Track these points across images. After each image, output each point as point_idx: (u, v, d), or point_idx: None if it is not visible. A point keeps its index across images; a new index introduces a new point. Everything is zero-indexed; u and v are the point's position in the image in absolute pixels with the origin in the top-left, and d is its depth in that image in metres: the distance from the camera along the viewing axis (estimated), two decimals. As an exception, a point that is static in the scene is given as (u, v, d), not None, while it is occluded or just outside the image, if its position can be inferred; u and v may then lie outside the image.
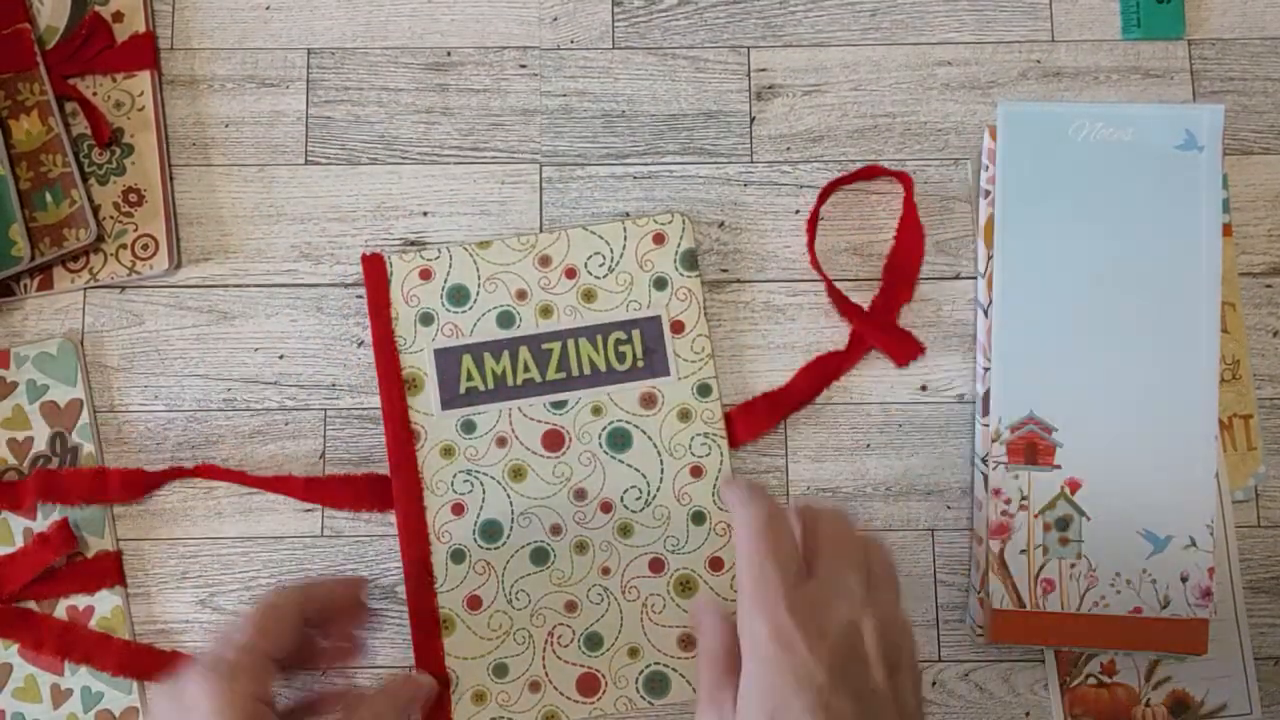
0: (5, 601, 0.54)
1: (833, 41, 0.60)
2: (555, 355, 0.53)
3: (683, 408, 0.53)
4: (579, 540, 0.52)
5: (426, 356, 0.53)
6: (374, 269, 0.54)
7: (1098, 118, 0.56)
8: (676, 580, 0.52)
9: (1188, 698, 0.54)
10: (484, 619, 0.52)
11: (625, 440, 0.53)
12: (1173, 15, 0.59)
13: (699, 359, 0.53)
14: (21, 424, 0.56)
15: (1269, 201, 0.58)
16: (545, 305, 0.53)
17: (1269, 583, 0.55)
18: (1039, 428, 0.54)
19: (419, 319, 0.53)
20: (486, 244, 0.53)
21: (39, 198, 0.56)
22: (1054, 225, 0.55)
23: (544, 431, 0.53)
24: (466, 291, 0.53)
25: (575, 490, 0.52)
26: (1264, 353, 0.57)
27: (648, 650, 0.52)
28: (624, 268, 0.53)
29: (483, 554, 0.52)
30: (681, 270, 0.53)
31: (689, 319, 0.53)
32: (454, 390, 0.53)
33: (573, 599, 0.52)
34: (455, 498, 0.52)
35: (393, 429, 0.53)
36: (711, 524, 0.52)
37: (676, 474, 0.52)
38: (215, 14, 0.60)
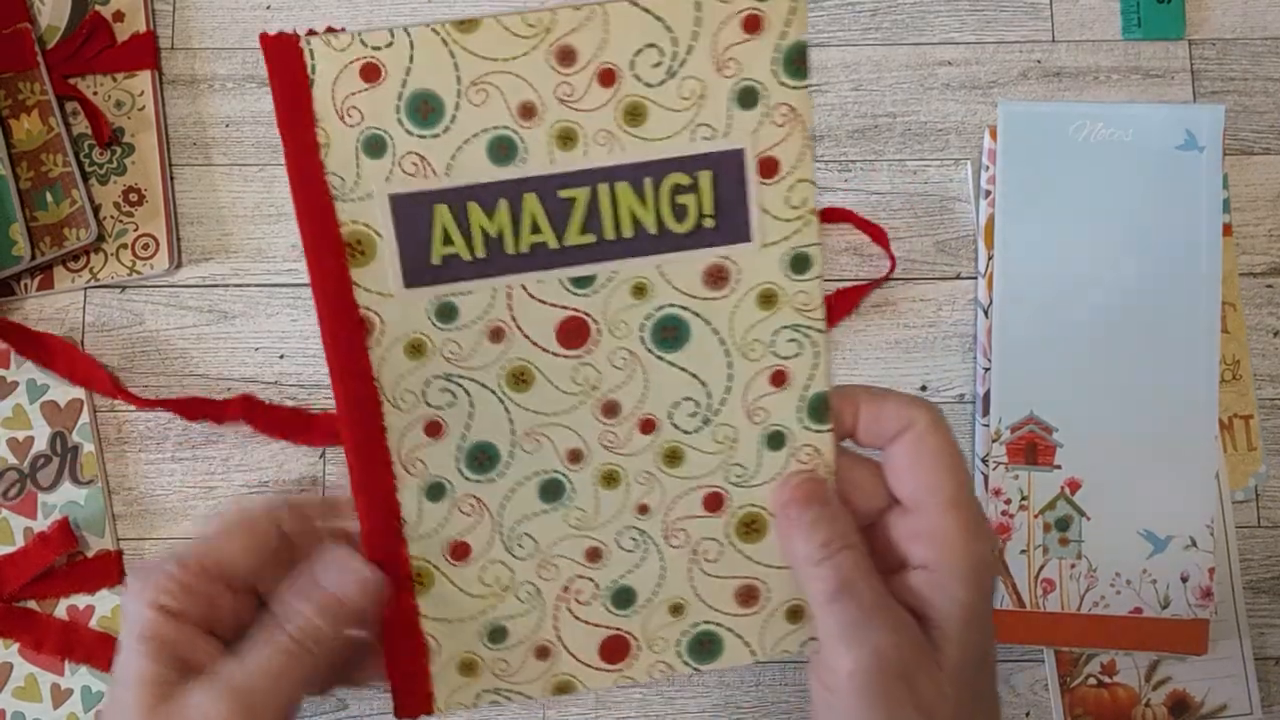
0: (6, 601, 0.54)
1: (833, 41, 0.60)
2: (579, 208, 0.35)
3: (766, 288, 0.37)
4: (607, 469, 0.38)
5: (378, 206, 0.34)
6: (284, 61, 0.34)
7: (1098, 118, 0.56)
8: (739, 521, 0.39)
9: (1188, 698, 0.54)
10: (473, 572, 0.38)
11: (680, 333, 0.37)
12: (1173, 15, 0.59)
13: (797, 216, 0.36)
14: (22, 423, 0.56)
15: (1269, 201, 0.58)
16: (565, 129, 0.35)
17: (1269, 583, 0.55)
18: (1039, 428, 0.54)
19: (363, 146, 0.34)
20: (470, 24, 0.33)
21: (39, 197, 0.56)
22: (1054, 225, 0.55)
23: (560, 320, 0.36)
24: (439, 102, 0.34)
25: (604, 403, 0.37)
26: (1264, 353, 0.57)
27: (695, 606, 0.40)
28: (693, 70, 0.34)
29: (471, 488, 0.38)
30: (784, 77, 0.34)
31: (787, 155, 0.35)
32: (422, 258, 0.35)
33: (596, 545, 0.39)
34: (429, 413, 0.37)
35: (330, 318, 0.35)
36: (794, 447, 0.38)
37: (750, 381, 0.37)
38: (216, 14, 0.60)
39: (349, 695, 0.55)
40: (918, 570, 0.35)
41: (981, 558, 0.35)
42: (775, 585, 0.39)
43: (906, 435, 0.36)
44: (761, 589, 0.40)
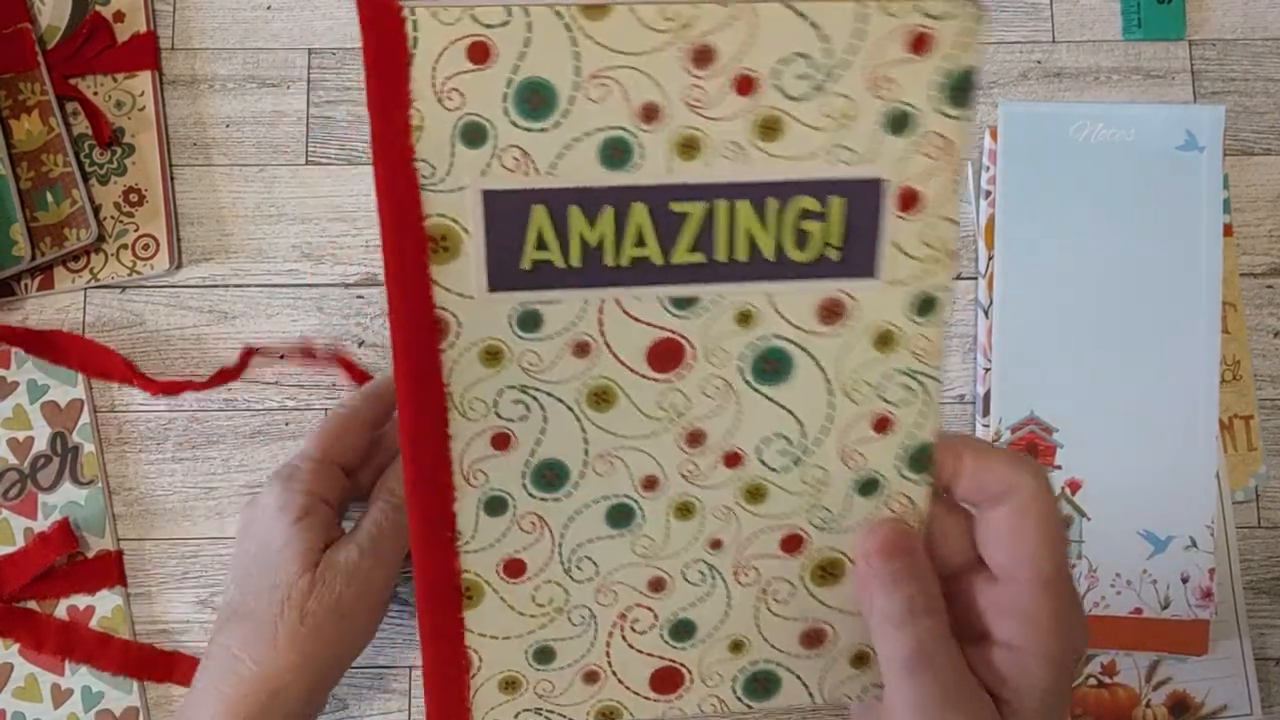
0: (6, 601, 0.54)
1: (833, 42, 0.59)
2: (692, 224, 0.32)
3: (884, 329, 0.34)
4: (683, 501, 0.36)
5: (469, 200, 0.32)
6: (382, 30, 0.30)
7: (1098, 118, 0.56)
8: (817, 565, 0.36)
9: (1188, 698, 0.54)
10: (527, 590, 0.37)
11: (783, 367, 0.34)
12: (1173, 16, 0.59)
13: (932, 257, 0.33)
14: (22, 424, 0.56)
15: (1269, 202, 0.58)
16: (689, 137, 0.31)
17: (1269, 583, 0.55)
18: (1039, 428, 0.54)
19: (460, 133, 0.31)
20: (600, 9, 0.30)
21: (40, 197, 0.56)
22: (1054, 226, 0.55)
23: (654, 341, 0.34)
24: (552, 93, 0.31)
25: (689, 432, 0.35)
26: (1264, 353, 0.57)
27: (757, 645, 0.38)
28: (844, 86, 0.31)
29: (534, 505, 0.35)
30: (944, 105, 0.31)
31: (932, 190, 0.32)
32: (512, 261, 0.32)
33: (661, 575, 0.37)
34: (499, 425, 0.34)
35: (403, 315, 0.32)
36: (886, 496, 0.35)
37: (850, 424, 0.35)
38: (216, 14, 0.60)
39: (349, 696, 0.55)
40: (1001, 647, 0.33)
41: (1071, 646, 0.32)
42: (844, 629, 0.37)
43: (1009, 500, 0.33)
44: (829, 632, 0.38)
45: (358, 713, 0.54)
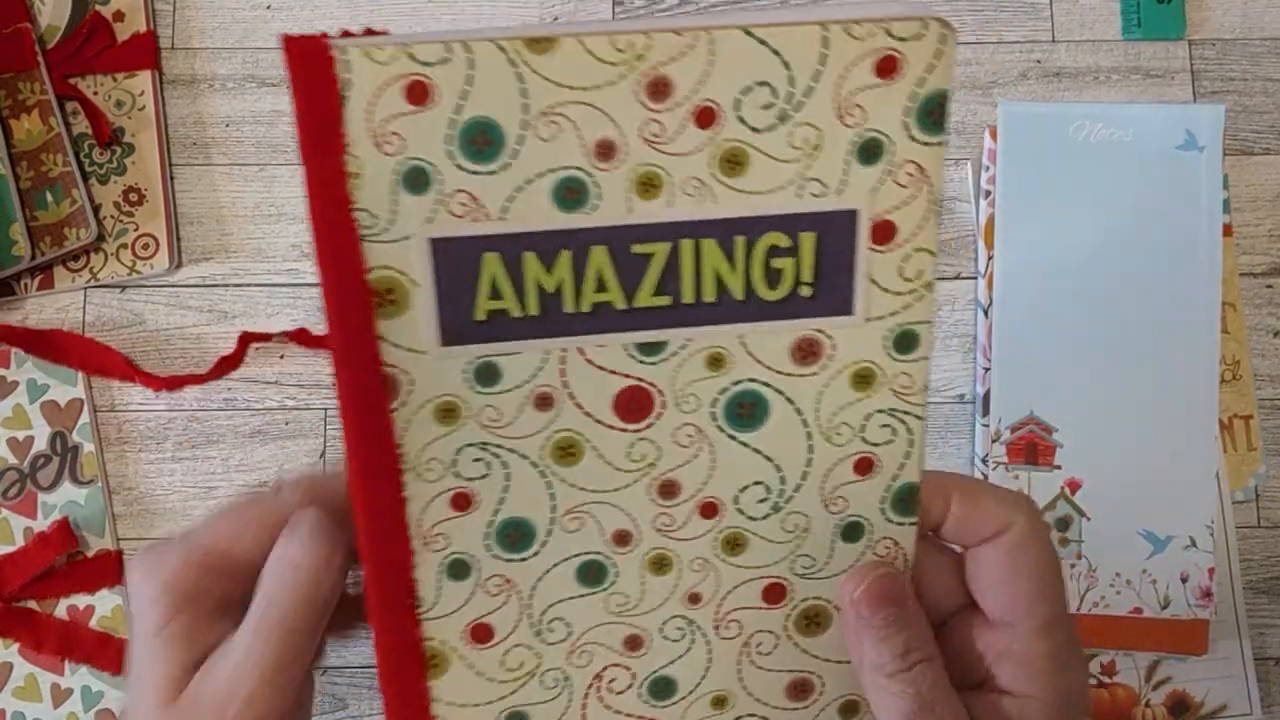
0: (5, 601, 0.54)
1: (833, 42, 0.60)
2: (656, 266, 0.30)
3: (863, 368, 0.32)
4: (658, 555, 0.34)
5: (415, 250, 0.29)
6: (313, 70, 0.28)
7: (1098, 118, 0.56)
8: (801, 614, 0.35)
9: (1188, 698, 0.54)
10: (495, 655, 0.35)
11: (758, 411, 0.32)
12: (1173, 15, 0.59)
13: (909, 290, 0.31)
14: (22, 423, 0.56)
15: (1269, 202, 0.58)
16: (649, 174, 0.29)
17: (1269, 583, 0.55)
18: (1039, 428, 0.54)
19: (402, 179, 0.29)
20: (545, 43, 0.28)
21: (39, 197, 0.56)
22: (1054, 225, 0.55)
23: (621, 389, 0.32)
24: (499, 134, 0.28)
25: (661, 483, 0.33)
26: (1264, 353, 0.57)
27: (741, 700, 0.36)
28: (810, 115, 0.29)
29: (500, 567, 0.33)
30: (917, 130, 0.29)
31: (907, 220, 0.30)
32: (465, 313, 0.30)
33: (637, 633, 0.35)
34: (458, 485, 0.32)
35: (348, 374, 0.30)
36: (872, 540, 0.34)
37: (832, 468, 0.33)
38: (216, 14, 0.60)
39: (348, 695, 0.55)
40: (1002, 694, 0.32)
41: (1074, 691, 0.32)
42: (831, 679, 0.36)
43: (1002, 541, 0.32)
44: (816, 683, 0.36)
45: (357, 712, 0.54)
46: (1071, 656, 0.32)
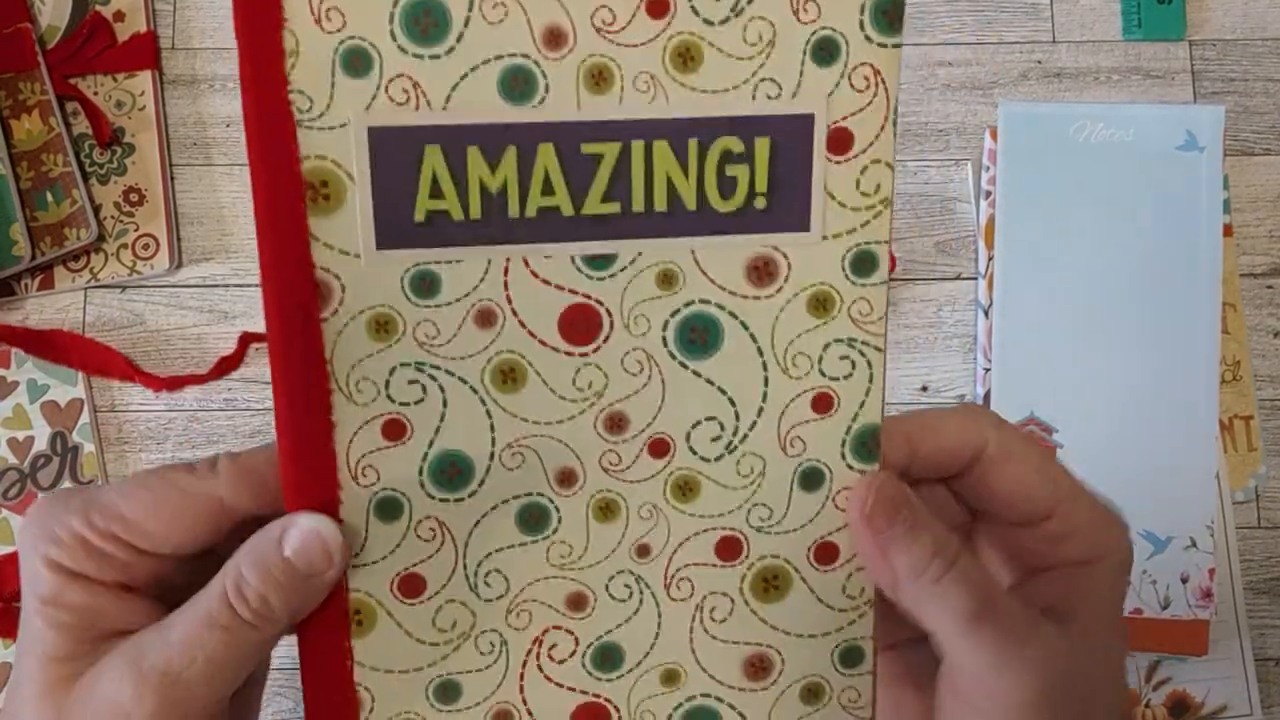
0: (5, 601, 0.54)
1: (833, 42, 0.60)
2: (606, 168, 0.29)
3: (821, 290, 0.30)
4: (604, 498, 0.32)
5: (353, 139, 0.27)
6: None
7: (1098, 118, 0.56)
8: (757, 574, 0.33)
9: (1188, 698, 0.54)
10: (426, 613, 0.32)
11: (711, 337, 0.31)
12: (1174, 16, 0.59)
13: (867, 205, 0.30)
14: (22, 423, 0.56)
15: (1269, 202, 0.58)
16: (599, 66, 0.28)
17: (1269, 583, 0.55)
18: (1039, 428, 0.54)
19: (341, 60, 0.27)
20: None
21: (40, 197, 0.56)
22: (1054, 226, 0.55)
23: (566, 307, 0.30)
24: (444, 14, 0.27)
25: (608, 415, 0.31)
26: (1264, 354, 0.57)
27: (694, 676, 0.33)
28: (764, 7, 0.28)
29: (434, 507, 0.31)
30: (872, 30, 0.28)
31: (865, 128, 0.29)
32: (403, 213, 0.28)
33: (582, 591, 0.32)
34: (391, 410, 0.30)
35: (276, 279, 0.28)
36: (831, 490, 0.32)
37: (789, 404, 0.31)
38: (216, 14, 0.60)
39: (349, 695, 0.55)
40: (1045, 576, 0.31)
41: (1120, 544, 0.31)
42: (791, 657, 0.33)
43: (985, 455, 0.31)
44: (775, 659, 0.34)
45: (358, 712, 0.54)
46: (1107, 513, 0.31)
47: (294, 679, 0.54)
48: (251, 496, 0.29)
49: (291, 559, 0.28)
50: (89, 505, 0.28)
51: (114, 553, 0.28)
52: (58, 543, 0.28)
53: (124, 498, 0.28)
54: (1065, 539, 0.30)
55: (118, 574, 0.28)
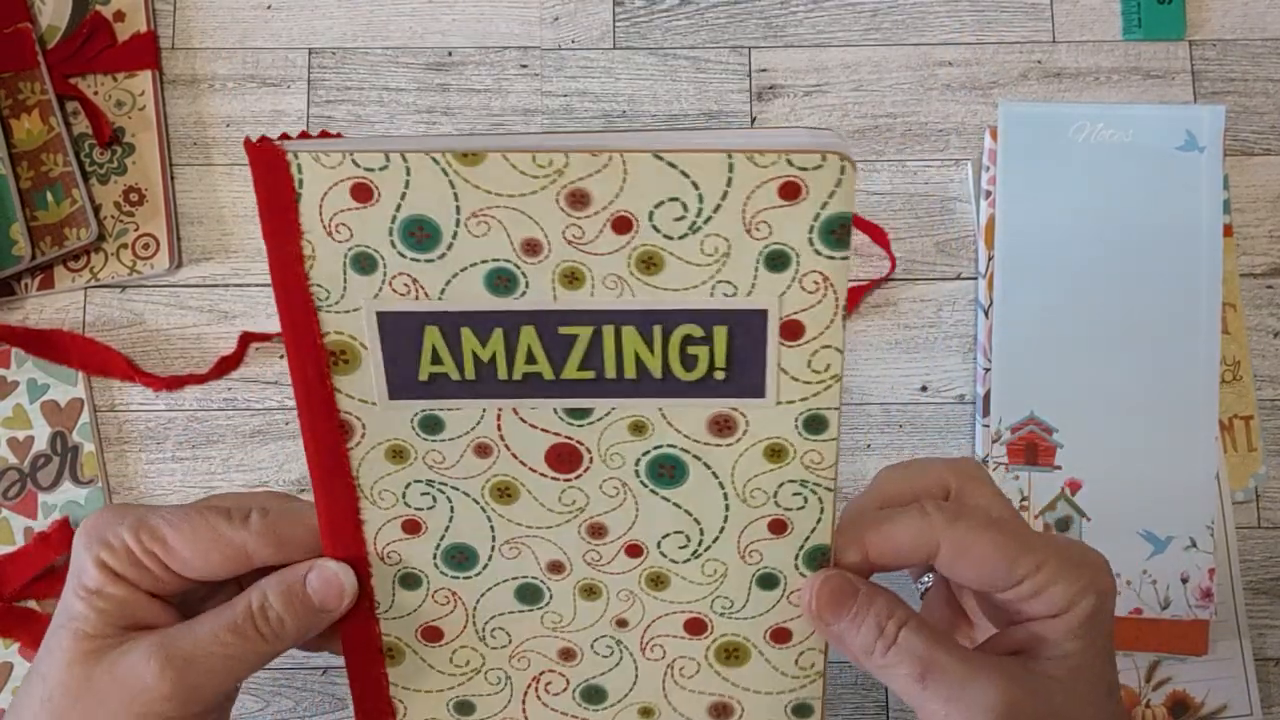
0: (5, 601, 0.54)
1: (833, 42, 0.60)
2: (580, 346, 0.33)
3: (775, 443, 0.34)
4: (587, 584, 0.37)
5: (364, 320, 0.33)
6: (270, 171, 0.31)
7: (1098, 118, 0.56)
8: (720, 647, 0.38)
9: (1188, 698, 0.54)
10: (444, 653, 0.38)
11: (678, 473, 0.35)
12: (1174, 16, 0.59)
13: (818, 380, 0.33)
14: (22, 423, 0.56)
15: (1270, 202, 0.58)
16: (571, 269, 0.32)
17: (1269, 583, 0.55)
18: (1039, 428, 0.54)
19: (350, 262, 0.32)
20: (474, 157, 0.30)
21: (40, 197, 0.56)
22: (1054, 226, 0.55)
23: (551, 445, 0.35)
24: (435, 229, 0.32)
25: (591, 525, 0.36)
26: (1264, 354, 0.57)
27: (666, 714, 0.39)
28: (717, 228, 0.31)
29: (447, 582, 0.37)
30: (820, 246, 0.31)
31: (815, 321, 0.32)
32: (409, 374, 0.34)
33: (571, 647, 0.38)
34: (408, 513, 0.36)
35: (309, 419, 0.34)
36: (786, 591, 0.36)
37: (746, 526, 0.36)
38: (216, 13, 0.60)
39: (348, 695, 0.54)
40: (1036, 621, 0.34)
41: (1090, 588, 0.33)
42: (750, 706, 0.39)
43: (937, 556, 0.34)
44: (736, 707, 0.39)
45: (357, 712, 0.54)
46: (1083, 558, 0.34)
47: (294, 679, 0.54)
48: (273, 552, 0.35)
49: (311, 595, 0.35)
50: (140, 524, 0.34)
51: (151, 568, 0.34)
52: (109, 547, 0.34)
53: (170, 526, 0.34)
54: (1034, 597, 0.33)
55: (150, 584, 0.34)
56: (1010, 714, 0.31)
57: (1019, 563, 0.33)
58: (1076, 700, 0.32)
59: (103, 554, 0.34)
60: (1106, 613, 0.33)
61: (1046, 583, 0.33)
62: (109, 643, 0.33)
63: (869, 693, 0.54)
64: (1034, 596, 0.33)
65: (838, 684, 0.54)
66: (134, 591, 0.34)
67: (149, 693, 0.33)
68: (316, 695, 0.54)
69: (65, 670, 0.33)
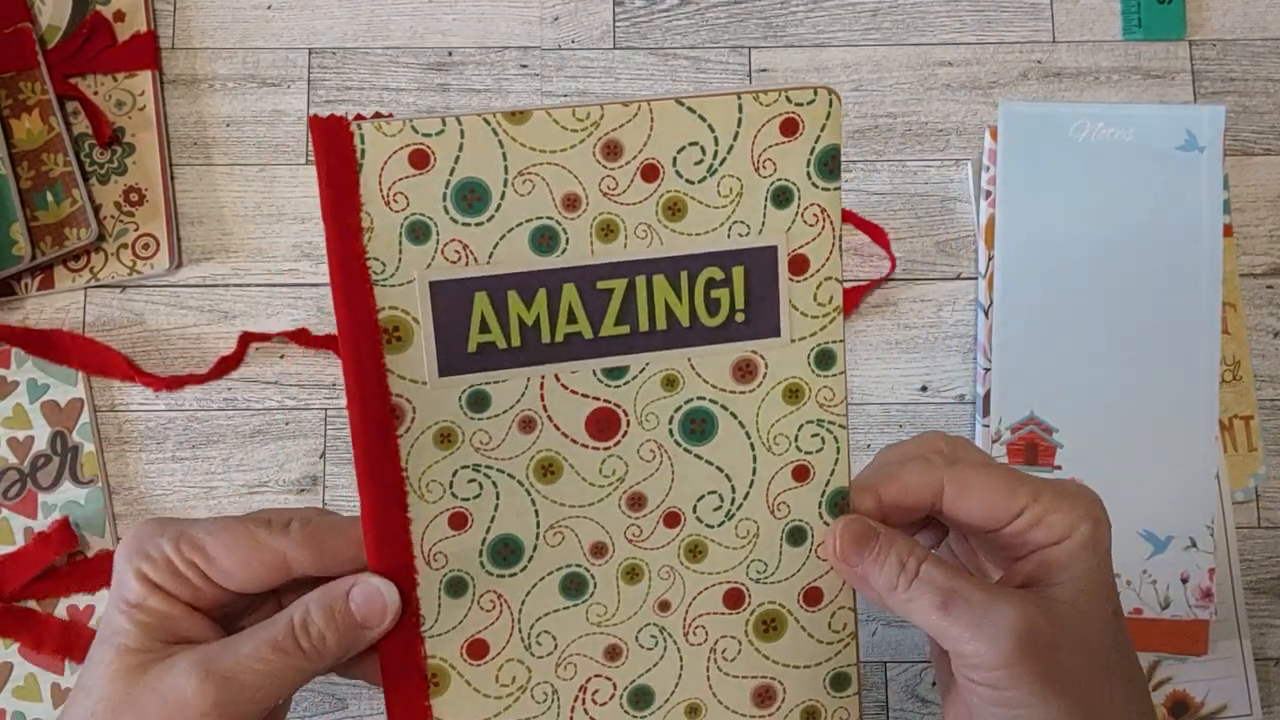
0: (6, 601, 0.54)
1: (833, 42, 0.60)
2: (616, 299, 0.36)
3: (792, 383, 0.37)
4: (630, 564, 0.38)
5: (417, 292, 0.35)
6: (333, 144, 0.33)
7: (1098, 118, 0.56)
8: (758, 619, 0.39)
9: (1188, 698, 0.54)
10: (490, 671, 0.38)
11: (708, 426, 0.38)
12: (1174, 16, 0.59)
13: (824, 313, 0.37)
14: (22, 423, 0.56)
15: (1270, 202, 0.58)
16: (607, 221, 0.35)
17: (1269, 583, 0.55)
18: (1039, 428, 0.54)
19: (406, 232, 0.34)
20: (521, 115, 0.34)
21: (40, 197, 0.56)
22: (1054, 225, 0.55)
23: (591, 411, 0.37)
24: (485, 191, 0.34)
25: (630, 496, 0.38)
26: (1264, 354, 0.57)
27: (713, 709, 0.40)
28: (732, 168, 0.35)
29: (493, 583, 0.38)
30: (817, 178, 0.36)
31: (817, 253, 0.36)
32: (460, 347, 0.35)
33: (616, 643, 0.39)
34: (455, 505, 0.37)
35: (361, 405, 0.35)
36: (813, 544, 0.39)
37: (774, 476, 0.38)
38: (216, 13, 0.60)
39: (348, 695, 0.55)
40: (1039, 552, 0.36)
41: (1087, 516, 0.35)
42: (791, 686, 0.40)
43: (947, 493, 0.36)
44: (778, 689, 0.40)
45: (357, 712, 0.54)
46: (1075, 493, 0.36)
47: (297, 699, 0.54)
48: (313, 561, 0.35)
49: (354, 610, 0.35)
50: (181, 535, 0.35)
51: (191, 578, 0.35)
52: (150, 559, 0.34)
53: (210, 536, 0.35)
54: (1033, 529, 0.35)
55: (190, 596, 0.35)
56: (1031, 634, 0.33)
57: (1017, 494, 0.35)
58: (1085, 621, 0.34)
59: (144, 566, 0.34)
60: (1104, 538, 0.35)
61: (1045, 512, 0.35)
62: (152, 657, 0.34)
63: (869, 693, 0.55)
64: (1035, 526, 0.35)
65: (838, 684, 0.54)
66: (175, 604, 0.35)
67: (190, 708, 0.33)
68: (316, 695, 0.54)
69: (109, 685, 0.33)
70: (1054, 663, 0.33)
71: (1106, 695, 0.34)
